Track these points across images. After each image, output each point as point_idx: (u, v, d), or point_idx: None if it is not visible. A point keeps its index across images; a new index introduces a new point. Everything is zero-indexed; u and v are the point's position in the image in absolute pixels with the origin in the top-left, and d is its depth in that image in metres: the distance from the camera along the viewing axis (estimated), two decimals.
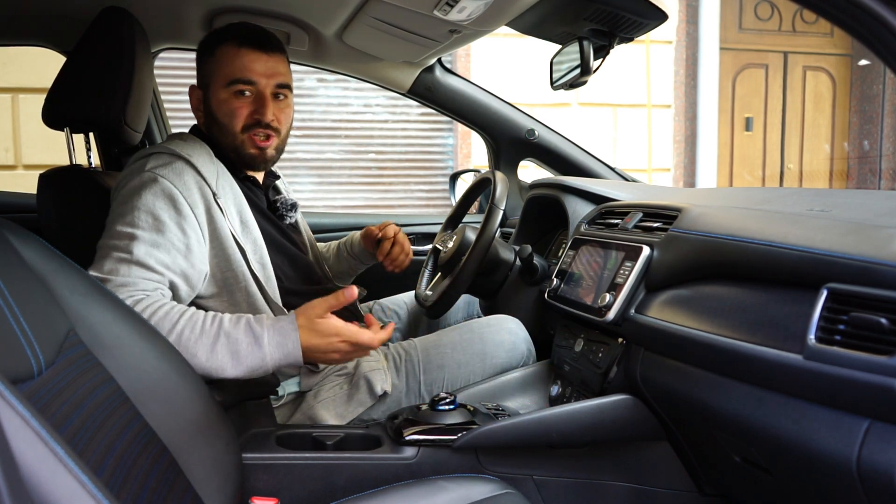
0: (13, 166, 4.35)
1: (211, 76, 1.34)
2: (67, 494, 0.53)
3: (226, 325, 1.09)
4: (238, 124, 1.32)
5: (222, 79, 1.32)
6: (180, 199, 1.19)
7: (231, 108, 1.31)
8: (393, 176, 5.08)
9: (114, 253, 1.13)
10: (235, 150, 1.34)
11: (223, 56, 1.32)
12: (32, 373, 0.72)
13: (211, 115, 1.35)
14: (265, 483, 1.09)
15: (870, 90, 5.87)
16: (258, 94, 1.32)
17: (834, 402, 0.76)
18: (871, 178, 5.92)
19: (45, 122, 1.43)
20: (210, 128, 1.36)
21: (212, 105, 1.34)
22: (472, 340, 1.40)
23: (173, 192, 1.19)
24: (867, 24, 0.74)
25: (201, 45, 1.38)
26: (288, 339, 1.09)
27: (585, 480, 1.19)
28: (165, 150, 1.25)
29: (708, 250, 1.03)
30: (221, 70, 1.32)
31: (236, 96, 1.31)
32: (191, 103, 1.38)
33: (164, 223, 1.17)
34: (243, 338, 1.08)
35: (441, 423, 1.15)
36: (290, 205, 1.47)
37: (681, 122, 5.51)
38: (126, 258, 1.12)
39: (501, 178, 1.51)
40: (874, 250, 0.76)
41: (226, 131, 1.33)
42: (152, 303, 1.09)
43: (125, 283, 1.10)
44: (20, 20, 1.68)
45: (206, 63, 1.35)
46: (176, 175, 1.21)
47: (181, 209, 1.19)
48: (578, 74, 1.48)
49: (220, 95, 1.32)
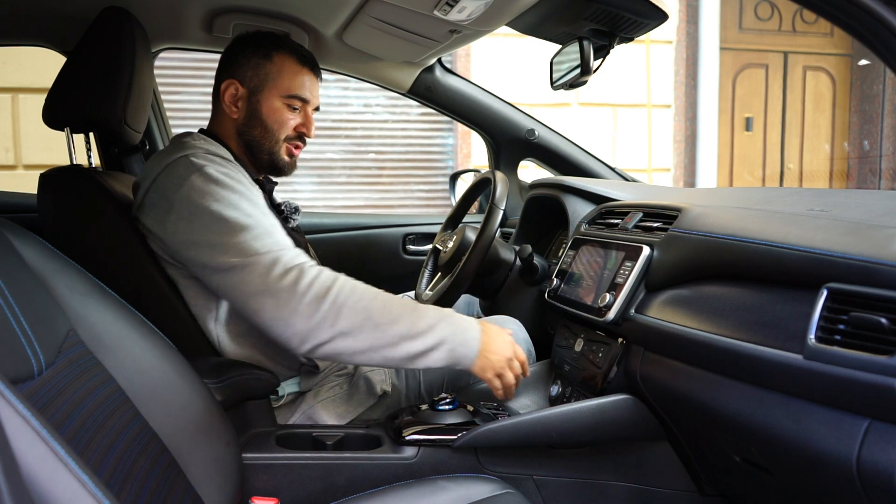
0: (13, 166, 4.35)
1: (266, 80, 1.35)
2: (68, 494, 0.53)
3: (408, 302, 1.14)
4: (283, 134, 1.37)
5: (281, 89, 1.35)
6: (246, 183, 1.24)
7: (283, 119, 1.36)
8: (393, 176, 5.08)
9: (241, 234, 1.13)
10: (272, 154, 1.38)
11: (285, 67, 1.35)
12: (32, 373, 0.72)
13: (256, 116, 1.35)
14: (265, 483, 1.09)
15: (870, 90, 5.87)
16: (306, 111, 1.39)
17: (834, 401, 0.76)
18: (871, 178, 5.92)
19: (45, 122, 1.43)
20: (250, 127, 1.36)
21: (261, 109, 1.35)
22: None
23: (240, 178, 1.23)
24: (867, 24, 0.75)
25: (249, 42, 1.37)
26: (471, 327, 1.16)
27: (585, 480, 1.19)
28: (197, 148, 1.26)
29: (708, 250, 1.03)
30: (281, 80, 1.35)
31: (289, 109, 1.36)
32: (223, 96, 1.36)
33: (258, 203, 1.20)
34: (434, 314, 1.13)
35: (441, 423, 1.15)
36: (294, 208, 1.49)
37: (681, 122, 5.51)
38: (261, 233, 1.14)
39: (501, 178, 1.52)
40: (874, 250, 0.76)
41: (270, 136, 1.36)
42: (330, 276, 1.11)
43: (296, 257, 1.13)
44: (20, 20, 1.68)
45: (260, 65, 1.35)
46: (226, 167, 1.23)
47: (251, 190, 1.23)
48: (578, 74, 1.48)
49: (273, 103, 1.35)
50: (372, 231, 2.20)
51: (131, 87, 1.41)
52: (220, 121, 1.39)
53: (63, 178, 1.38)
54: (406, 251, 2.21)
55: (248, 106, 1.36)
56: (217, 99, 1.38)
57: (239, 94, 1.36)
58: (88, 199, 1.35)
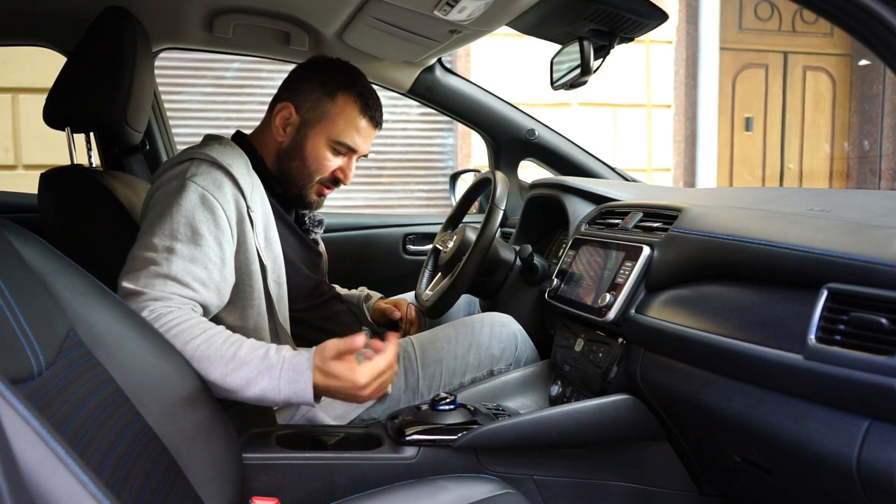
0: (13, 166, 4.35)
1: (321, 118, 1.32)
2: (68, 494, 0.53)
3: (243, 350, 1.06)
4: (320, 176, 1.35)
5: (332, 132, 1.32)
6: (220, 212, 1.18)
7: (325, 162, 1.34)
8: (393, 176, 5.08)
9: (150, 266, 1.11)
10: (302, 189, 1.36)
11: (344, 111, 1.32)
12: (33, 373, 0.72)
13: (300, 150, 1.33)
14: (265, 483, 1.09)
15: (870, 90, 5.87)
16: (350, 158, 1.36)
17: (834, 402, 0.76)
18: (871, 178, 5.92)
19: (45, 121, 1.43)
20: (289, 157, 1.34)
21: (306, 144, 1.33)
22: (467, 333, 1.42)
23: (213, 203, 1.18)
24: (867, 24, 0.75)
25: (320, 70, 1.34)
26: (301, 377, 1.05)
27: (585, 480, 1.19)
28: (206, 157, 1.23)
29: (708, 250, 1.03)
30: (336, 123, 1.32)
31: (334, 153, 1.34)
32: (276, 116, 1.34)
33: (203, 236, 1.15)
34: (256, 365, 1.05)
35: (441, 422, 1.15)
36: (318, 221, 1.48)
37: (681, 122, 5.51)
38: (162, 273, 1.11)
39: (501, 178, 1.52)
40: (874, 250, 0.76)
41: (305, 173, 1.34)
42: (175, 317, 1.07)
43: (159, 298, 1.09)
44: (20, 20, 1.68)
45: (321, 101, 1.32)
46: (216, 186, 1.19)
47: (220, 222, 1.18)
48: (578, 74, 1.48)
49: (319, 142, 1.33)
50: (372, 231, 2.20)
51: (132, 87, 1.41)
52: (266, 135, 1.37)
53: (63, 177, 1.38)
54: (406, 251, 2.21)
55: (295, 135, 1.34)
56: (270, 113, 1.36)
57: (290, 120, 1.34)
58: (88, 199, 1.35)
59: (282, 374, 1.05)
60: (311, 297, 1.42)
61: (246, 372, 1.05)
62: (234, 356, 1.05)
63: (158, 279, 1.10)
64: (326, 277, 1.58)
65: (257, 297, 1.25)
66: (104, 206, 1.32)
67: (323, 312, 1.44)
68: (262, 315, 1.26)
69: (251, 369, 1.05)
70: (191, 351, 1.04)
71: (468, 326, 1.44)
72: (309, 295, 1.41)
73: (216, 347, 1.05)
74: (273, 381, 1.05)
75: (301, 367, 1.05)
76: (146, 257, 1.13)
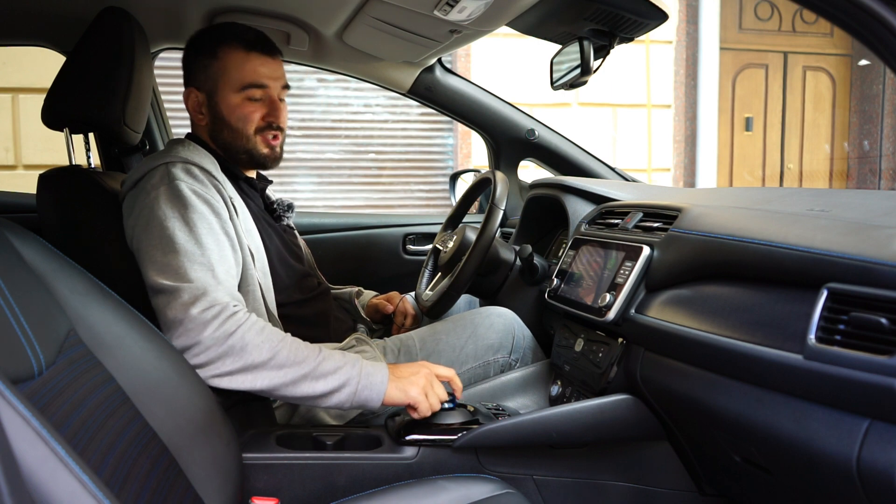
0: (13, 166, 4.35)
1: (217, 80, 1.33)
2: (68, 494, 0.53)
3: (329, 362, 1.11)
4: (251, 128, 1.34)
5: (234, 83, 1.32)
6: (219, 206, 1.20)
7: (245, 113, 1.33)
8: (393, 176, 5.08)
9: (200, 278, 1.10)
10: (248, 151, 1.35)
11: (231, 60, 1.32)
12: (33, 373, 0.72)
13: (220, 118, 1.34)
14: (265, 483, 1.09)
15: (870, 90, 5.87)
16: (269, 97, 1.35)
17: (834, 402, 0.76)
18: (871, 178, 5.92)
19: (44, 122, 1.42)
20: (217, 131, 1.36)
21: (221, 109, 1.34)
22: (465, 325, 1.44)
23: (209, 199, 1.20)
24: (867, 24, 0.75)
25: (196, 45, 1.37)
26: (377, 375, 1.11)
27: (585, 480, 1.19)
28: (178, 158, 1.24)
29: (708, 250, 1.03)
30: (231, 74, 1.32)
31: (249, 101, 1.33)
32: (188, 106, 1.37)
33: (217, 232, 1.17)
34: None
35: (441, 422, 1.15)
36: (287, 205, 1.48)
37: (681, 122, 5.51)
38: (213, 282, 1.10)
39: (501, 178, 1.52)
40: (874, 250, 0.76)
41: (238, 135, 1.34)
42: (246, 321, 1.08)
43: (237, 307, 1.09)
44: (20, 20, 1.68)
45: (208, 66, 1.34)
46: (202, 184, 1.21)
47: (220, 214, 1.20)
48: (578, 74, 1.48)
49: (230, 100, 1.33)
50: (372, 231, 2.20)
51: (130, 87, 1.41)
52: (196, 130, 1.40)
53: (62, 178, 1.38)
54: (406, 251, 2.21)
55: (210, 109, 1.35)
56: (187, 110, 1.39)
57: (200, 101, 1.35)
58: (88, 199, 1.35)
59: (363, 367, 1.11)
60: (301, 290, 1.42)
61: (332, 363, 1.10)
62: (321, 350, 1.11)
63: (219, 291, 1.10)
64: (316, 272, 1.58)
65: (252, 285, 1.26)
66: (103, 206, 1.31)
67: (315, 308, 1.44)
68: (259, 304, 1.26)
69: (336, 361, 1.10)
70: (285, 348, 1.09)
71: (466, 319, 1.46)
72: (298, 287, 1.41)
73: (300, 343, 1.11)
74: (355, 370, 1.10)
75: (376, 366, 1.12)
76: (185, 272, 1.10)
